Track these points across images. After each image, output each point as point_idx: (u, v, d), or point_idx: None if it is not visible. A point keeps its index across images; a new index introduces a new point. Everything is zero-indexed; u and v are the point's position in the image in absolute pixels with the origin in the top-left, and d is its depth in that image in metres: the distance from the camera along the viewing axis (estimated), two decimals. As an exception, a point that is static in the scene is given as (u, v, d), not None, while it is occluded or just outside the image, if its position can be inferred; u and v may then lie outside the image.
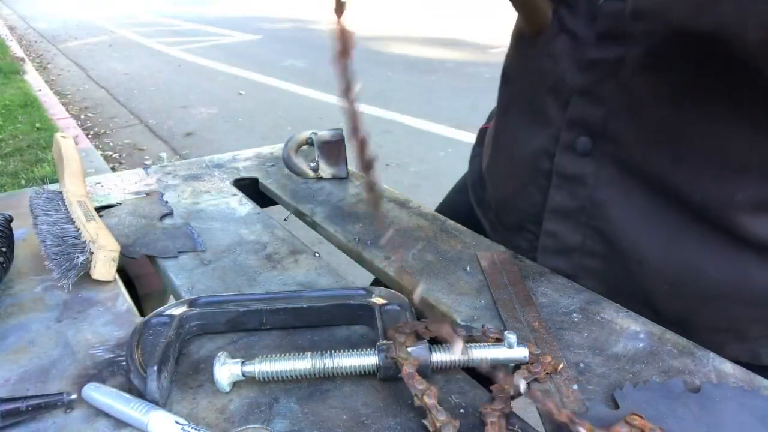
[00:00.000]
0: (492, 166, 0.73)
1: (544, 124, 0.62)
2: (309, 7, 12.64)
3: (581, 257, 0.62)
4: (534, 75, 0.63)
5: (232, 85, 5.87)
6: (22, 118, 4.42)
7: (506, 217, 0.71)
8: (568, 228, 0.62)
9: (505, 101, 0.71)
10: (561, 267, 0.63)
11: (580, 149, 0.58)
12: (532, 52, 0.62)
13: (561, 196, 0.61)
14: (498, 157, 0.72)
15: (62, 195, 0.68)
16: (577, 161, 0.59)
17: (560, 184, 0.61)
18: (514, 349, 0.46)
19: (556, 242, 0.63)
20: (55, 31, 10.23)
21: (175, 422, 0.40)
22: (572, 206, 0.61)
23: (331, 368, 0.44)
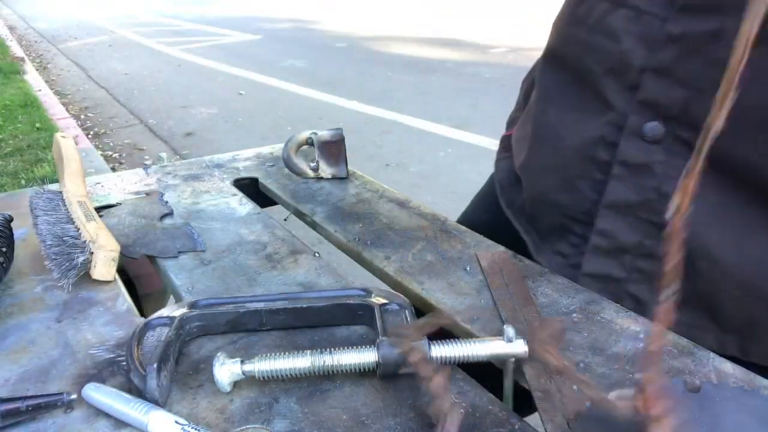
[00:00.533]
0: (530, 161, 0.66)
1: (601, 110, 0.56)
2: (309, 7, 12.64)
3: (635, 259, 0.57)
4: (586, 56, 0.58)
5: (232, 85, 5.87)
6: (22, 118, 4.42)
7: (544, 218, 0.65)
8: (626, 225, 0.56)
9: (547, 89, 0.65)
10: (611, 271, 0.58)
11: (650, 135, 0.53)
12: (581, 30, 0.58)
13: (622, 189, 0.55)
14: (538, 150, 0.65)
15: (62, 195, 0.68)
16: (645, 149, 0.53)
17: (623, 175, 0.55)
18: (513, 342, 0.45)
19: (610, 242, 0.57)
20: (55, 31, 10.23)
21: (175, 422, 0.40)
22: (634, 199, 0.55)
23: (330, 366, 0.44)
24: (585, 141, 0.58)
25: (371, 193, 0.83)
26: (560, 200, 0.62)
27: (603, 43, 0.55)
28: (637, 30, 0.52)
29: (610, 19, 0.54)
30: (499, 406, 0.44)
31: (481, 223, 0.73)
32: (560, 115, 0.62)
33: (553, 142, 0.62)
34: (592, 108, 0.57)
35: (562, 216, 0.62)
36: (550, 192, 0.63)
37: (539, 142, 0.65)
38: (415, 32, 8.58)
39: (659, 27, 0.51)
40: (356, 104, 4.99)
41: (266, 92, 5.55)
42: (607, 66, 0.55)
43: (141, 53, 7.78)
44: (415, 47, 7.44)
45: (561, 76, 0.62)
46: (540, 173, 0.65)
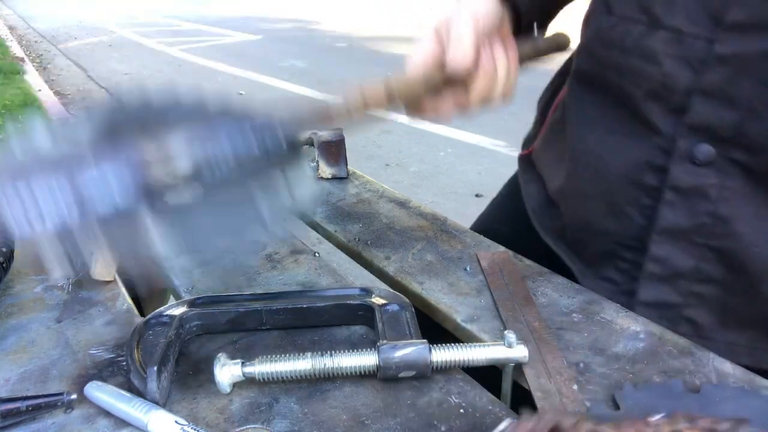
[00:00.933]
0: (570, 187, 0.64)
1: (645, 133, 0.55)
2: (309, 7, 12.64)
3: (691, 284, 0.56)
4: (624, 79, 0.56)
5: (232, 85, 5.87)
6: (22, 118, 4.42)
7: (590, 244, 0.63)
8: (680, 251, 0.55)
9: (583, 113, 0.63)
10: (666, 298, 0.57)
11: (701, 158, 0.52)
12: (615, 54, 0.56)
13: (675, 214, 0.54)
14: (579, 176, 0.63)
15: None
16: (697, 172, 0.52)
17: (675, 200, 0.54)
18: (513, 348, 0.45)
19: (665, 268, 0.56)
20: (55, 31, 10.23)
21: (175, 422, 0.40)
22: (688, 225, 0.54)
23: (331, 368, 0.45)
24: (631, 166, 0.56)
25: (371, 193, 0.83)
26: (607, 227, 0.60)
27: (642, 66, 0.54)
28: (679, 52, 0.51)
29: (648, 41, 0.53)
30: (499, 406, 0.44)
31: (501, 235, 0.70)
32: (601, 139, 0.60)
33: (595, 168, 0.60)
34: (635, 131, 0.56)
35: (610, 242, 0.60)
36: (596, 219, 0.61)
37: (580, 168, 0.63)
38: (416, 32, 8.57)
39: (705, 48, 0.50)
40: (356, 104, 4.99)
41: (266, 92, 5.55)
42: (648, 89, 0.54)
43: (141, 53, 7.78)
44: (415, 47, 7.43)
45: (598, 99, 0.61)
46: (583, 200, 0.63)
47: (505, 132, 4.02)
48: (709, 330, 0.57)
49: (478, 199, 2.95)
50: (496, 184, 0.89)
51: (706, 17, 0.50)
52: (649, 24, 0.53)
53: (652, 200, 0.56)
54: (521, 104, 0.73)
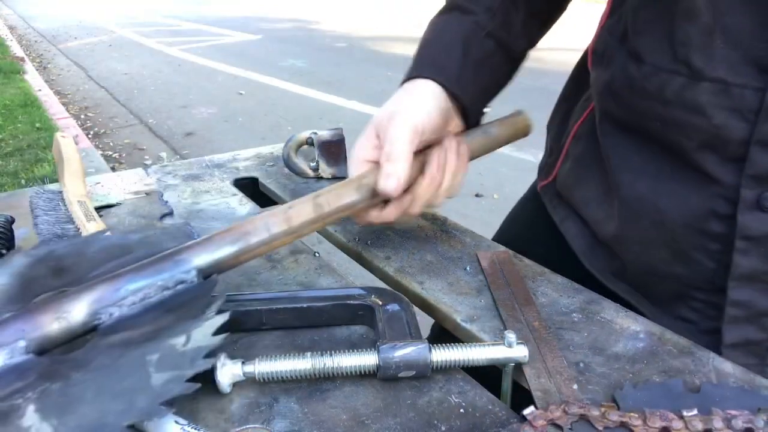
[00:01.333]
0: (626, 234, 0.62)
1: (703, 182, 0.54)
2: (309, 7, 12.64)
3: None
4: (670, 130, 0.54)
5: (232, 85, 5.87)
6: (22, 118, 4.42)
7: (657, 287, 0.62)
8: (759, 292, 0.55)
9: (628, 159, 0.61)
10: (751, 336, 0.57)
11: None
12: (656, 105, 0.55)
13: (750, 261, 0.53)
14: (635, 223, 0.61)
15: (62, 194, 0.68)
16: (766, 220, 0.52)
17: (748, 248, 0.53)
18: (513, 348, 0.46)
19: (747, 311, 0.56)
20: (55, 30, 10.23)
21: (175, 422, 0.40)
22: (764, 269, 0.53)
23: (331, 368, 0.45)
24: (692, 214, 0.55)
25: (371, 193, 0.83)
26: (675, 272, 0.59)
27: (689, 118, 0.52)
28: (728, 103, 0.50)
29: (691, 94, 0.51)
30: (499, 406, 0.44)
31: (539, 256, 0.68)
32: (654, 187, 0.58)
33: (653, 216, 0.59)
34: (691, 180, 0.55)
35: (680, 285, 0.60)
36: (661, 265, 0.60)
37: (634, 215, 0.61)
38: (415, 32, 8.57)
39: (754, 98, 0.49)
40: (356, 104, 4.99)
41: (266, 92, 5.55)
42: (699, 140, 0.52)
43: (141, 53, 7.78)
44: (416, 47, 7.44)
45: (641, 145, 0.59)
46: (643, 246, 0.61)
47: (505, 132, 4.01)
48: None
49: (478, 199, 2.95)
50: (496, 184, 0.89)
51: (751, 66, 0.48)
52: (689, 76, 0.51)
53: (722, 245, 0.55)
54: (521, 105, 0.73)
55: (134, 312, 0.46)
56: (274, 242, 0.53)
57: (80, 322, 0.45)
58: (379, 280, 0.65)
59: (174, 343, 0.42)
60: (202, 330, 0.43)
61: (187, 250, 0.50)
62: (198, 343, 0.42)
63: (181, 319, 0.45)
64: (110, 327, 0.45)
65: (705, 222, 0.55)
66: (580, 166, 0.69)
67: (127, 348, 0.43)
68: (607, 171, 0.63)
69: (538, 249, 0.68)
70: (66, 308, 0.45)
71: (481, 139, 0.68)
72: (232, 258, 0.51)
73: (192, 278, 0.48)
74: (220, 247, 0.51)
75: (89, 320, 0.45)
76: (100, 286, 0.47)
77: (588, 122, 0.68)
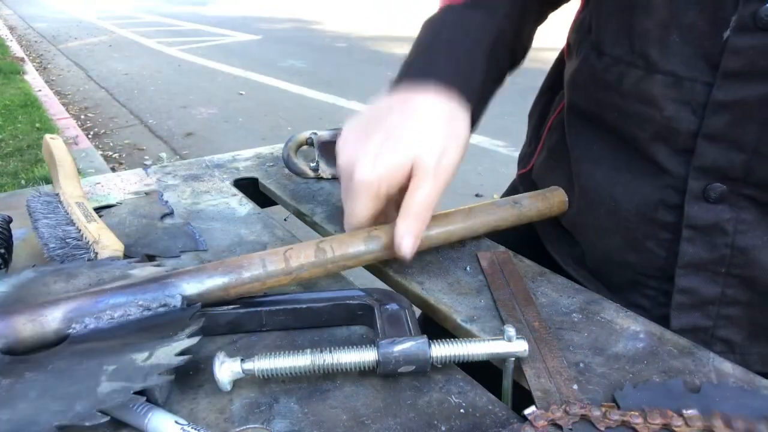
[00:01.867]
0: (583, 221, 0.65)
1: (654, 173, 0.56)
2: (309, 7, 12.64)
3: (720, 307, 0.57)
4: (626, 122, 0.56)
5: (232, 85, 5.87)
6: (22, 118, 4.42)
7: (612, 274, 0.64)
8: (705, 281, 0.56)
9: (588, 149, 0.62)
10: (697, 323, 0.58)
11: (714, 197, 0.53)
12: (614, 96, 0.56)
13: (695, 249, 0.55)
14: (592, 211, 0.63)
15: (59, 197, 0.68)
16: (711, 210, 0.53)
17: (693, 237, 0.55)
18: (512, 342, 0.45)
19: (693, 297, 0.58)
20: (55, 31, 10.23)
21: (175, 422, 0.40)
22: (709, 257, 0.55)
23: (330, 364, 0.44)
24: (644, 204, 0.57)
25: (371, 193, 0.83)
26: (629, 259, 0.61)
27: (643, 110, 0.54)
28: (679, 96, 0.51)
29: (646, 86, 0.52)
30: (499, 406, 0.44)
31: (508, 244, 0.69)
32: (609, 176, 0.60)
33: (608, 205, 0.60)
34: (643, 171, 0.56)
35: (633, 273, 0.61)
36: (616, 252, 0.62)
37: (591, 204, 0.63)
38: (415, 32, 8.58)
39: (703, 92, 0.50)
40: (356, 104, 4.99)
41: (266, 92, 5.55)
42: (652, 132, 0.54)
43: (141, 53, 7.78)
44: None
45: (600, 136, 0.60)
46: (599, 234, 0.63)
47: (505, 132, 4.02)
48: (741, 346, 0.58)
49: (477, 199, 2.95)
50: (496, 184, 0.89)
51: (703, 62, 0.49)
52: (645, 68, 0.52)
53: (671, 234, 0.56)
54: (520, 105, 0.73)
55: (110, 326, 0.46)
56: (268, 280, 0.52)
57: (53, 328, 0.45)
58: (379, 280, 0.65)
59: (135, 358, 0.43)
60: (168, 349, 0.43)
61: (177, 275, 0.50)
62: (159, 360, 0.42)
63: (152, 338, 0.45)
64: (81, 336, 0.45)
65: (656, 211, 0.56)
66: (552, 157, 0.71)
67: (88, 357, 0.43)
68: (571, 161, 0.65)
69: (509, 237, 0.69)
70: (42, 312, 0.45)
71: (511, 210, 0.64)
72: (221, 289, 0.50)
73: (176, 303, 0.48)
74: (210, 276, 0.50)
75: (63, 327, 0.45)
76: (81, 297, 0.47)
77: (562, 114, 0.69)
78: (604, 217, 0.61)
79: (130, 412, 0.41)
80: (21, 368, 0.42)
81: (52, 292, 0.51)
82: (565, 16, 0.77)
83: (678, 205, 0.55)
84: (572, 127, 0.64)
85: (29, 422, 0.37)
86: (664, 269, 0.58)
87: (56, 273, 0.54)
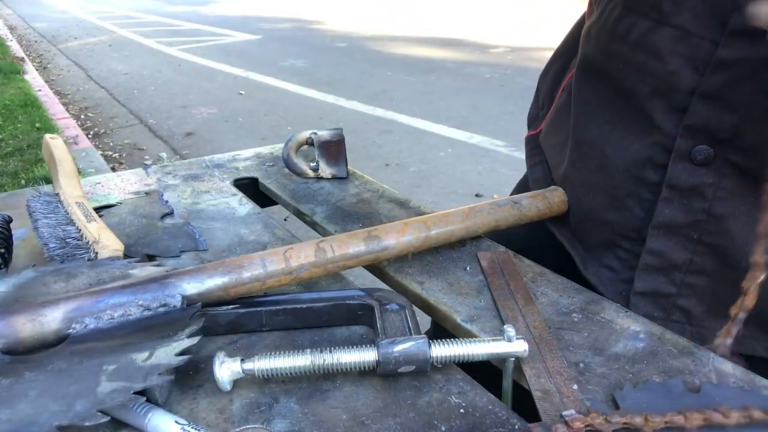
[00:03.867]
0: (573, 175, 0.65)
1: (647, 130, 0.55)
2: (309, 7, 12.64)
3: (686, 275, 0.57)
4: (629, 74, 0.56)
5: (232, 85, 5.87)
6: (22, 118, 4.42)
7: (591, 233, 0.64)
8: (676, 244, 0.56)
9: (587, 103, 0.63)
10: (660, 288, 0.58)
11: (699, 159, 0.52)
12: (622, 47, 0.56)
13: (671, 210, 0.55)
14: (582, 165, 0.63)
15: (59, 197, 0.68)
16: (694, 172, 0.53)
17: (672, 197, 0.55)
18: (512, 342, 0.45)
19: (661, 260, 0.58)
20: (55, 31, 10.23)
21: (175, 422, 0.40)
22: (684, 221, 0.55)
23: (330, 364, 0.44)
24: (632, 160, 0.57)
25: (371, 193, 0.83)
26: (608, 218, 0.61)
27: (647, 62, 0.54)
28: (684, 51, 0.51)
29: (654, 37, 0.53)
30: (499, 406, 0.44)
31: (517, 238, 0.69)
32: (604, 131, 0.60)
33: (597, 160, 0.61)
34: (637, 127, 0.56)
35: (610, 232, 0.61)
36: (597, 209, 0.62)
37: (582, 158, 0.63)
38: (415, 32, 8.58)
39: (709, 50, 0.50)
40: (356, 104, 5.00)
41: (266, 92, 5.55)
42: (652, 86, 0.54)
43: (141, 53, 7.78)
44: (415, 47, 7.45)
45: (602, 90, 0.61)
46: (585, 190, 0.64)
47: (505, 132, 4.02)
48: (700, 318, 0.58)
49: (477, 199, 2.95)
50: (496, 184, 0.89)
51: (713, 19, 0.49)
52: (656, 20, 0.53)
53: (652, 195, 0.56)
54: (521, 105, 0.73)
55: (110, 326, 0.46)
56: (268, 280, 0.52)
57: (53, 328, 0.45)
58: (379, 280, 0.65)
59: (135, 358, 0.43)
60: (167, 349, 0.43)
61: (177, 275, 0.50)
62: (159, 360, 0.42)
63: (152, 338, 0.45)
64: (81, 336, 0.45)
65: (642, 169, 0.56)
66: (558, 115, 0.71)
67: (88, 356, 0.43)
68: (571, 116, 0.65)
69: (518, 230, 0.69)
70: (42, 312, 0.45)
71: (511, 210, 0.65)
72: (221, 289, 0.51)
73: (176, 303, 0.48)
74: (210, 276, 0.50)
75: (63, 327, 0.45)
76: (81, 297, 0.47)
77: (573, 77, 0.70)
78: (593, 172, 0.62)
79: (130, 412, 0.41)
80: (21, 368, 0.42)
81: (52, 292, 0.51)
82: (566, 17, 0.77)
83: (664, 165, 0.55)
84: (578, 81, 0.64)
85: (29, 422, 0.37)
86: (639, 230, 0.58)
87: (56, 273, 0.54)
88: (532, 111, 0.83)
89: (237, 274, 0.51)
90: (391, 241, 0.58)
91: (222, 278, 0.51)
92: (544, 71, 0.81)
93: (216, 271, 0.51)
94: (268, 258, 0.52)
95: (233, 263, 0.52)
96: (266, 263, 0.52)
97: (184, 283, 0.49)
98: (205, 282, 0.50)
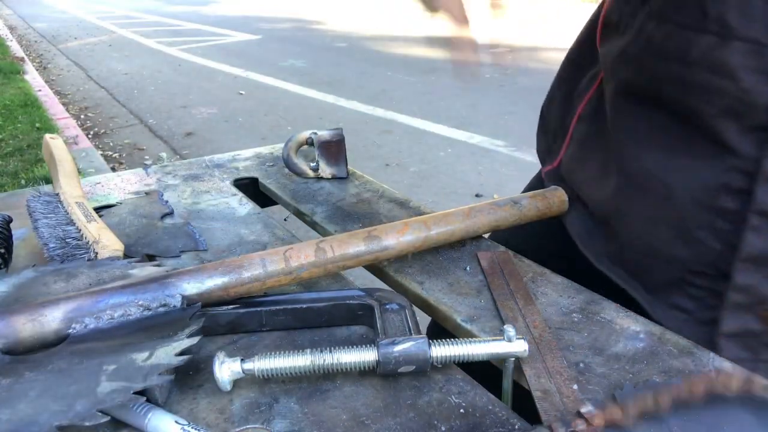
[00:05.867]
0: (628, 212, 0.59)
1: (718, 154, 0.51)
2: (309, 7, 12.64)
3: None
4: (689, 96, 0.52)
5: (232, 85, 5.87)
6: (22, 118, 4.42)
7: (655, 271, 0.59)
8: (765, 277, 0.51)
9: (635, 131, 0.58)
10: (751, 326, 0.54)
11: None
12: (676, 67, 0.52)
13: (763, 240, 0.50)
14: (639, 200, 0.58)
15: (59, 197, 0.68)
16: None
17: (762, 225, 0.50)
18: (512, 342, 0.45)
19: (750, 297, 0.52)
20: (55, 31, 10.23)
21: (175, 422, 0.40)
22: None
23: (330, 364, 0.44)
24: (702, 189, 0.52)
25: (371, 193, 0.83)
26: (677, 254, 0.56)
27: (713, 81, 0.49)
28: (759, 66, 0.47)
29: (720, 54, 0.48)
30: (499, 406, 0.44)
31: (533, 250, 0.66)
32: (661, 160, 0.55)
33: (658, 192, 0.56)
34: (704, 152, 0.52)
35: (681, 270, 0.56)
36: (664, 246, 0.57)
37: (638, 191, 0.58)
38: (415, 32, 8.57)
39: None
40: (356, 104, 5.00)
41: (266, 92, 5.55)
42: (721, 106, 0.49)
43: (141, 53, 7.78)
44: (415, 47, 7.44)
45: (653, 117, 0.56)
46: (645, 225, 0.58)
47: (505, 132, 4.02)
48: None
49: (477, 199, 2.96)
50: (496, 184, 0.89)
51: None
52: (720, 34, 0.48)
53: (731, 225, 0.52)
54: (521, 105, 0.73)
55: (110, 326, 0.46)
56: (268, 280, 0.52)
57: (53, 328, 0.45)
58: (379, 280, 0.65)
59: (135, 358, 0.43)
60: (167, 349, 0.43)
61: (177, 275, 0.50)
62: (159, 360, 0.42)
63: (152, 338, 0.45)
64: (81, 336, 0.45)
65: (716, 198, 0.52)
66: (583, 148, 0.68)
67: (88, 356, 0.43)
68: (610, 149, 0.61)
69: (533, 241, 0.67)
70: (42, 312, 0.45)
71: (511, 210, 0.64)
72: (221, 289, 0.51)
73: (175, 303, 0.48)
74: (210, 276, 0.50)
75: (63, 327, 0.45)
76: (81, 297, 0.47)
77: (591, 103, 0.67)
78: (653, 205, 0.56)
79: (130, 412, 0.41)
80: (21, 368, 0.42)
81: (52, 292, 0.51)
82: (566, 17, 0.77)
83: (744, 190, 0.50)
84: (617, 106, 0.60)
85: (29, 422, 0.37)
86: (716, 265, 0.53)
87: (56, 273, 0.54)
88: (541, 145, 0.79)
89: (237, 274, 0.51)
90: (391, 241, 0.58)
91: (222, 278, 0.51)
92: (548, 100, 0.78)
93: (216, 271, 0.51)
94: (268, 258, 0.52)
95: (233, 263, 0.52)
96: (266, 263, 0.52)
97: (184, 283, 0.49)
98: (205, 282, 0.50)
